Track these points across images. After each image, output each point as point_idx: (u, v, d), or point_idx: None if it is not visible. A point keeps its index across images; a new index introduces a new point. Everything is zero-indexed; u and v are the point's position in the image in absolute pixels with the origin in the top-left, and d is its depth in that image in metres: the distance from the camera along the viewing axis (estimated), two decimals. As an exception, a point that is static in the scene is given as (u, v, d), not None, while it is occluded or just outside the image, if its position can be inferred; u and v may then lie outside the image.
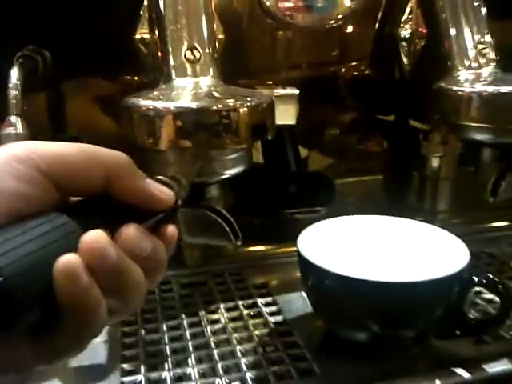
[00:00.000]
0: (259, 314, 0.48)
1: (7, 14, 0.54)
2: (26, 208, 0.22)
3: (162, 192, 0.26)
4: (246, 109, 0.40)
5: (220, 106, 0.40)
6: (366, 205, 0.55)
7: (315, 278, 0.42)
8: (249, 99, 0.41)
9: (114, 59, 0.55)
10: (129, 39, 0.53)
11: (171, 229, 0.27)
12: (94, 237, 0.22)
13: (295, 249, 0.58)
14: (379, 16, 0.60)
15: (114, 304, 0.23)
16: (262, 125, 0.42)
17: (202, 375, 0.40)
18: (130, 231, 0.24)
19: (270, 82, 0.60)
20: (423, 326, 0.42)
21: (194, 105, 0.40)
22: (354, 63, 0.62)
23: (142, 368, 0.40)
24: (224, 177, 0.43)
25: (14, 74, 0.46)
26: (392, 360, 0.41)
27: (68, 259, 0.21)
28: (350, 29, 0.61)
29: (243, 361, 0.41)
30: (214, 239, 0.43)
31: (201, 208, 0.43)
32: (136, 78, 0.55)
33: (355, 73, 0.63)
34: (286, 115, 0.49)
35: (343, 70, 0.63)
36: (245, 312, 0.48)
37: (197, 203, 0.43)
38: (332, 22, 0.56)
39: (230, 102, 0.41)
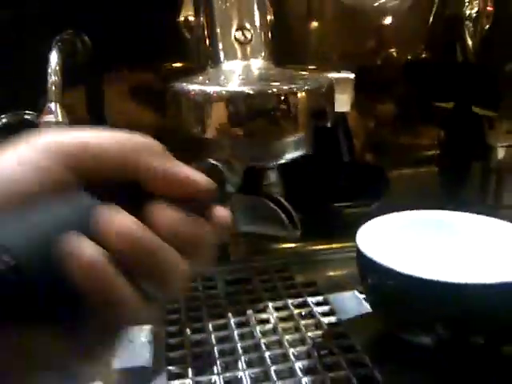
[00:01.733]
0: (310, 314, 0.45)
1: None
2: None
3: (194, 177, 0.23)
4: (304, 93, 0.37)
5: (276, 89, 0.37)
6: (422, 198, 0.51)
7: (377, 278, 0.39)
8: (308, 82, 0.38)
9: (156, 44, 0.52)
10: (172, 23, 0.51)
11: (221, 212, 0.24)
12: (110, 211, 0.20)
13: (345, 245, 0.56)
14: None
15: (148, 288, 0.21)
16: (322, 110, 0.38)
17: (255, 380, 0.37)
18: (160, 210, 0.22)
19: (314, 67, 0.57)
20: (495, 333, 0.38)
21: (247, 89, 0.37)
22: (408, 46, 0.58)
23: (190, 371, 0.38)
24: (282, 161, 0.40)
25: (54, 58, 0.44)
26: (462, 369, 0.37)
27: (72, 236, 0.19)
28: (405, 9, 0.56)
29: (297, 365, 0.38)
30: (270, 229, 0.40)
31: (258, 196, 0.39)
32: (179, 64, 0.52)
33: (409, 57, 0.58)
34: (340, 101, 0.45)
35: (395, 54, 0.59)
36: (295, 312, 0.45)
37: (254, 190, 0.40)
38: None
39: (288, 85, 0.37)
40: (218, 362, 0.38)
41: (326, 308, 0.45)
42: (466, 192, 0.56)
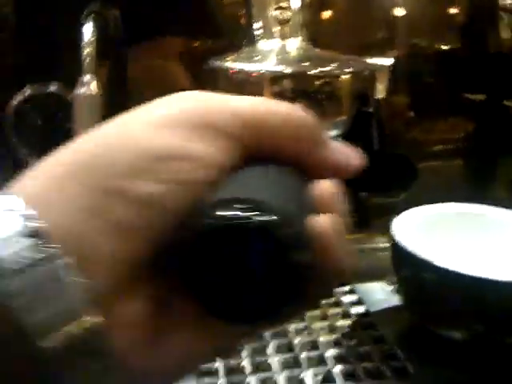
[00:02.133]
0: (338, 303, 0.44)
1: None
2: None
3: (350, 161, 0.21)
4: (348, 75, 0.36)
5: (318, 70, 0.36)
6: (449, 192, 0.51)
7: (413, 270, 0.38)
8: (349, 65, 0.37)
9: (188, 21, 0.51)
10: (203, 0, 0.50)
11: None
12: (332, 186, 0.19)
13: (371, 235, 0.55)
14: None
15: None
16: (364, 94, 0.37)
17: (284, 366, 0.36)
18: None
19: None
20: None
21: (289, 69, 0.36)
22: (440, 36, 0.57)
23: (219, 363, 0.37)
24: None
25: (88, 30, 0.43)
26: (494, 366, 0.36)
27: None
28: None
29: (327, 353, 0.37)
30: None
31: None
32: (210, 41, 0.51)
33: (442, 47, 0.57)
34: (376, 87, 0.44)
35: (426, 44, 0.58)
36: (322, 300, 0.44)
37: None
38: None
39: (330, 67, 0.36)
40: (247, 347, 0.38)
41: (353, 298, 0.45)
42: (495, 186, 0.56)
